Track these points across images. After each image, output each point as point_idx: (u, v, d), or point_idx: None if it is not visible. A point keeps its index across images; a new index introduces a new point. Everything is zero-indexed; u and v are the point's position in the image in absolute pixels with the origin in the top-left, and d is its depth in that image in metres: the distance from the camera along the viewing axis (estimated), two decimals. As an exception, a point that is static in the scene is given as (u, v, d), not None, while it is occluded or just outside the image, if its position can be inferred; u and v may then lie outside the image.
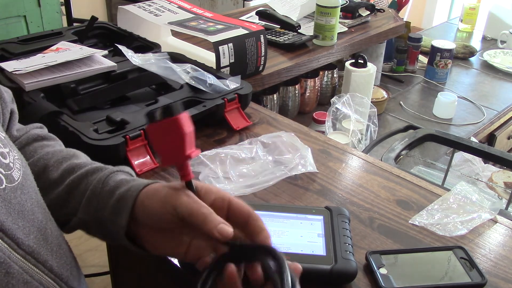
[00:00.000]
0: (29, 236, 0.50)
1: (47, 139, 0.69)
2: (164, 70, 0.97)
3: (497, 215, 0.76)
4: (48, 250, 0.53)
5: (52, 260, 0.53)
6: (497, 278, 0.65)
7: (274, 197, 0.79)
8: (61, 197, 0.60)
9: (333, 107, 1.21)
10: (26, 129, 0.69)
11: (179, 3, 1.26)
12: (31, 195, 0.53)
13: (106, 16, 3.33)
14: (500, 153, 1.11)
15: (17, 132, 0.67)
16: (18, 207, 0.50)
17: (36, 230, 0.52)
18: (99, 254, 1.94)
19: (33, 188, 0.55)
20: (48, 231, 0.54)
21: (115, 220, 0.55)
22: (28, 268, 0.49)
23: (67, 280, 0.55)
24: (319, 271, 0.61)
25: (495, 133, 1.66)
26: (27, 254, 0.49)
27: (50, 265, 0.52)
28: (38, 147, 0.67)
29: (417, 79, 1.88)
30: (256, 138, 0.89)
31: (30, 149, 0.66)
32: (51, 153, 0.65)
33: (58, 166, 0.63)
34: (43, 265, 0.51)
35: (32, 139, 0.68)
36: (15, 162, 0.52)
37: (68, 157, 0.64)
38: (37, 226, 0.52)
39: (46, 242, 0.53)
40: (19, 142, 0.66)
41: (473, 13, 2.29)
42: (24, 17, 2.09)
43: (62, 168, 0.62)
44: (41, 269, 0.51)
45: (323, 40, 1.41)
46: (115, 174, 0.60)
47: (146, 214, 0.53)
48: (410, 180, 0.84)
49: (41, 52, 1.02)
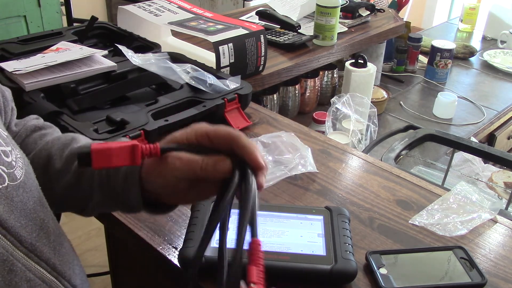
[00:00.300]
0: (32, 234, 0.50)
1: (44, 128, 0.70)
2: (164, 70, 0.97)
3: (497, 215, 0.76)
4: (50, 248, 0.53)
5: (54, 258, 0.53)
6: (497, 278, 0.65)
7: (274, 197, 0.79)
8: (71, 184, 0.60)
9: (333, 107, 1.21)
10: (23, 122, 0.70)
11: (179, 3, 1.26)
12: (33, 193, 0.53)
13: (106, 16, 3.33)
14: (500, 153, 1.11)
15: (15, 127, 0.68)
16: (21, 205, 0.50)
17: (38, 228, 0.52)
18: (99, 254, 1.94)
19: (35, 186, 0.55)
20: (50, 229, 0.54)
21: (129, 188, 0.56)
22: (30, 265, 0.50)
23: (69, 278, 0.55)
24: (319, 271, 0.61)
25: (495, 133, 1.66)
26: (30, 252, 0.50)
27: (53, 263, 0.53)
28: (37, 137, 0.67)
29: (417, 79, 1.88)
30: (256, 138, 0.89)
31: (30, 141, 0.66)
32: (50, 142, 0.65)
33: (61, 155, 0.62)
34: (45, 263, 0.52)
35: (30, 130, 0.68)
36: (17, 161, 0.52)
37: (68, 143, 0.64)
38: (39, 224, 0.52)
39: (48, 240, 0.53)
40: (19, 136, 0.67)
41: (473, 13, 2.29)
42: (24, 17, 2.09)
43: (65, 156, 0.62)
44: (44, 267, 0.51)
45: (323, 40, 1.41)
46: None
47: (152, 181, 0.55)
48: (410, 180, 0.84)
49: (41, 52, 1.02)
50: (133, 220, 0.73)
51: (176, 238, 0.70)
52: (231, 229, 0.67)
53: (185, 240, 0.64)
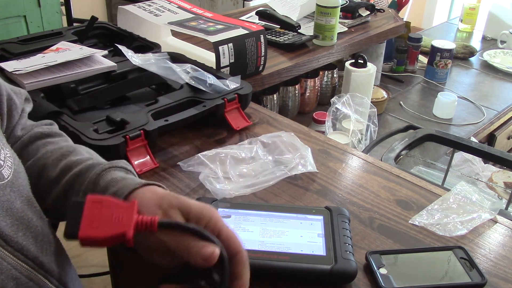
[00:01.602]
0: (18, 233, 0.51)
1: (51, 136, 0.68)
2: (164, 70, 0.97)
3: (497, 215, 0.76)
4: (37, 247, 0.53)
5: (42, 257, 0.53)
6: (497, 278, 0.65)
7: (274, 197, 0.79)
8: (59, 198, 0.60)
9: (333, 107, 1.21)
10: (31, 127, 0.68)
11: (179, 3, 1.26)
12: (21, 192, 0.53)
13: (106, 16, 3.33)
14: (500, 153, 1.11)
15: (21, 131, 0.67)
16: (7, 204, 0.50)
17: (25, 228, 0.52)
18: (99, 254, 1.94)
19: (24, 186, 0.55)
20: (38, 229, 0.54)
21: None
22: (16, 264, 0.50)
23: (59, 277, 0.55)
24: (319, 271, 0.61)
25: (495, 133, 1.66)
26: (16, 250, 0.50)
27: (41, 262, 0.53)
28: (40, 145, 0.66)
29: (417, 79, 1.88)
30: (256, 138, 0.89)
31: (32, 148, 0.65)
32: (50, 151, 0.64)
33: (56, 164, 0.62)
34: (33, 261, 0.52)
35: (34, 137, 0.67)
36: (6, 160, 0.52)
37: (67, 154, 0.63)
38: (26, 224, 0.52)
39: (36, 239, 0.53)
40: (21, 142, 0.66)
41: (473, 13, 2.29)
42: (24, 17, 2.09)
43: (60, 166, 0.61)
44: (31, 265, 0.51)
45: (323, 40, 1.41)
46: (106, 172, 0.58)
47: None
48: (410, 180, 0.84)
49: (41, 52, 1.02)
50: (133, 220, 0.73)
51: (176, 238, 0.70)
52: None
53: (185, 240, 0.64)
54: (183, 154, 0.88)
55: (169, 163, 0.85)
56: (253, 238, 0.65)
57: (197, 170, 0.81)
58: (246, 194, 0.78)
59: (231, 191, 0.77)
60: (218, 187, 0.77)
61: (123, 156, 0.80)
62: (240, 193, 0.78)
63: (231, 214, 0.69)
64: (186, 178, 0.82)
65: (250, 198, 0.78)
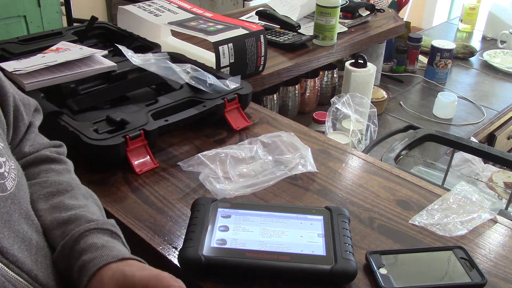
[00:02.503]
0: (13, 246, 0.50)
1: (56, 162, 0.67)
2: (164, 70, 0.97)
3: (497, 215, 0.76)
4: (32, 260, 0.53)
5: (37, 270, 0.53)
6: (497, 278, 0.65)
7: (274, 197, 0.79)
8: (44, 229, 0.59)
9: (333, 107, 1.21)
10: (39, 147, 0.67)
11: (179, 3, 1.26)
12: (21, 205, 0.53)
13: (106, 16, 3.33)
14: (500, 153, 1.11)
15: (29, 148, 0.66)
16: (6, 216, 0.50)
17: (20, 241, 0.52)
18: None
19: (25, 198, 0.55)
20: (33, 242, 0.54)
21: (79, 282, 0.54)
22: (10, 277, 0.50)
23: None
24: (319, 271, 0.61)
25: (495, 133, 1.66)
26: (11, 263, 0.50)
27: (35, 275, 0.53)
28: (42, 170, 0.65)
29: (417, 79, 1.88)
30: (256, 138, 0.89)
31: (34, 171, 0.65)
32: (49, 182, 0.63)
33: (48, 199, 0.61)
34: (27, 274, 0.52)
35: (40, 160, 0.66)
36: (11, 172, 0.52)
37: (63, 192, 0.62)
38: (21, 237, 0.52)
39: (30, 253, 0.53)
40: (25, 161, 0.65)
41: (473, 13, 2.29)
42: (24, 17, 2.09)
43: (51, 202, 0.61)
44: (25, 278, 0.51)
45: (323, 40, 1.41)
46: (90, 233, 0.57)
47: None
48: (410, 180, 0.84)
49: (41, 52, 1.02)
50: (133, 220, 0.73)
51: (176, 238, 0.70)
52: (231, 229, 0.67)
53: (185, 240, 0.64)
54: (183, 154, 0.88)
55: (169, 163, 0.85)
56: (253, 238, 0.65)
57: (197, 170, 0.81)
58: (246, 194, 0.78)
59: (231, 191, 0.77)
60: (218, 187, 0.77)
61: (123, 156, 0.80)
62: (240, 193, 0.78)
63: (231, 214, 0.69)
64: (186, 178, 0.82)
65: (250, 198, 0.78)
